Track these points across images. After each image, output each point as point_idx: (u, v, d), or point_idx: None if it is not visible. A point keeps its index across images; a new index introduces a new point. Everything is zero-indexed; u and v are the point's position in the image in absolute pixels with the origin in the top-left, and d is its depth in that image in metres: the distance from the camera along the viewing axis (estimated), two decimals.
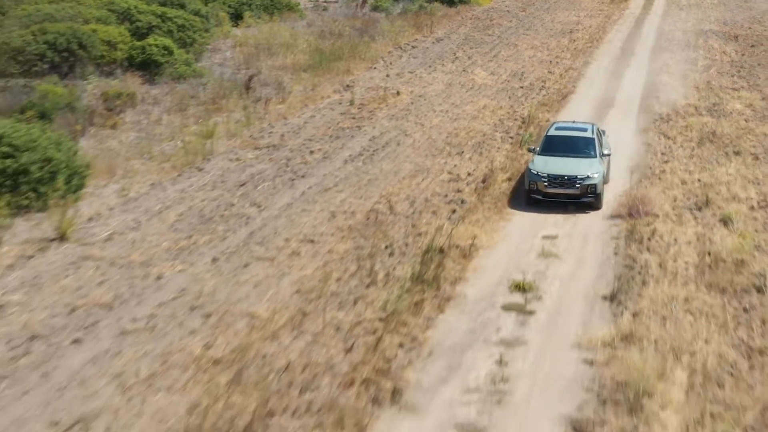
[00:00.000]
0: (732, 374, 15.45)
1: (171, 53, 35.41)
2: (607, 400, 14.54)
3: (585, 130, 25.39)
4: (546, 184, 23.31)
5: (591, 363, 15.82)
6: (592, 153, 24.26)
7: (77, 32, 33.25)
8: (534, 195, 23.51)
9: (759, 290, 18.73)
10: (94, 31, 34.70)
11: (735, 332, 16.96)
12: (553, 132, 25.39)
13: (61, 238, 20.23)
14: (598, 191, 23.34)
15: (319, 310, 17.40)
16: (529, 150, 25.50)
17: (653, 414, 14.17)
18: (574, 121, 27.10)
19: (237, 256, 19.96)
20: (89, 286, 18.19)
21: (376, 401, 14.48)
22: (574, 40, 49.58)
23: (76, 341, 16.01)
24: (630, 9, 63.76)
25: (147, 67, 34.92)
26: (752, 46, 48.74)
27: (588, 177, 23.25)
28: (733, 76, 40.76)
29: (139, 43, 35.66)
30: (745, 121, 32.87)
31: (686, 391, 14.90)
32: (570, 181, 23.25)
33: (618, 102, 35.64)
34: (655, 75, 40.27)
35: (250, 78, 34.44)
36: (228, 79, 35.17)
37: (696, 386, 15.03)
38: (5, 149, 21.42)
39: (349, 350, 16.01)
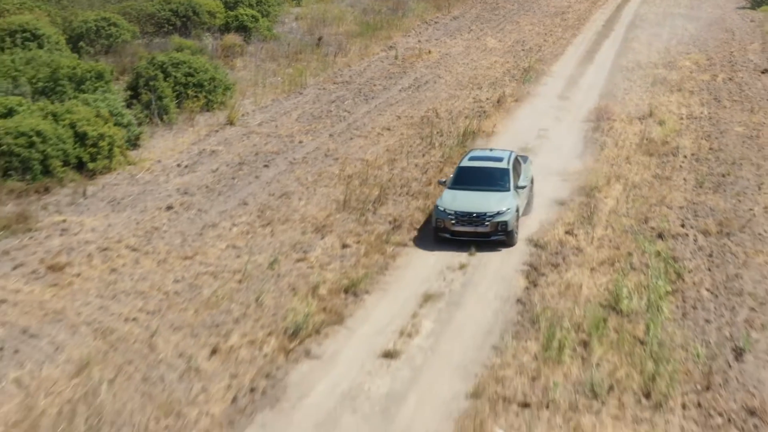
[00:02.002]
0: (647, 186, 26.79)
1: (257, 21, 46.62)
2: (574, 192, 25.89)
3: (500, 159, 23.74)
4: (453, 221, 21.74)
5: (566, 180, 27.14)
6: (506, 186, 22.71)
7: (192, 2, 44.48)
8: (441, 234, 21.94)
9: (674, 154, 30.03)
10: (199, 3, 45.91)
11: (654, 170, 28.29)
12: (465, 163, 23.93)
13: (230, 123, 31.57)
14: (510, 228, 21.80)
15: (403, 158, 28.73)
16: (440, 183, 24.19)
17: (600, 198, 25.49)
18: (491, 149, 25.72)
19: (344, 135, 31.30)
20: (260, 144, 29.57)
21: None
22: (565, 19, 60.83)
23: (265, 166, 27.39)
24: None
25: (239, 30, 46.07)
26: (710, 24, 60.03)
27: (498, 213, 21.75)
28: (688, 44, 51.96)
29: (232, 13, 46.87)
30: (690, 72, 44.09)
31: (620, 191, 26.23)
32: (479, 218, 21.70)
33: (596, 60, 46.87)
34: (627, 43, 51.43)
35: (319, 39, 45.72)
36: (300, 40, 46.39)
37: (626, 189, 26.38)
38: (187, 70, 32.67)
39: (425, 173, 27.35)
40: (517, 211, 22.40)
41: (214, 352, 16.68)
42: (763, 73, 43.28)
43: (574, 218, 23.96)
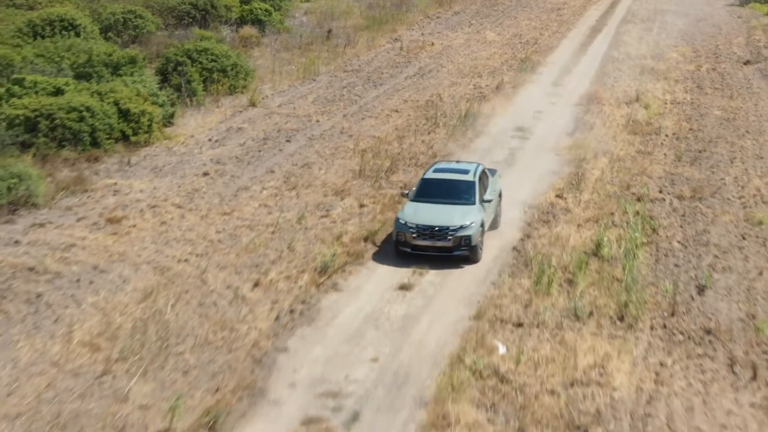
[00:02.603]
0: (631, 159, 29.84)
1: (270, 14, 49.62)
2: (565, 164, 28.95)
3: (466, 172, 22.99)
4: (414, 235, 21.00)
5: (558, 155, 30.19)
6: (471, 199, 21.91)
7: None
8: (402, 248, 21.18)
9: (656, 134, 33.10)
10: None
11: (638, 147, 31.33)
12: (429, 175, 23.19)
13: (253, 105, 34.61)
14: (474, 243, 21.03)
15: (410, 135, 31.78)
16: (403, 195, 23.42)
17: (588, 169, 28.57)
18: (457, 161, 25.43)
19: (356, 115, 34.33)
20: (281, 123, 32.62)
21: None
22: (561, 15, 63.88)
23: (287, 141, 30.45)
24: None
25: (254, 23, 49.06)
26: (698, 20, 63.09)
27: (461, 227, 21.02)
28: (677, 38, 55.01)
29: (247, 7, 49.87)
30: (676, 63, 47.14)
31: (606, 163, 29.30)
32: (441, 232, 21.00)
33: (589, 52, 49.90)
34: (619, 37, 54.46)
35: (329, 31, 48.75)
36: (311, 33, 49.44)
37: (611, 162, 29.44)
38: (210, 56, 35.68)
39: (430, 147, 30.40)
40: (482, 225, 21.64)
41: (256, 284, 19.75)
42: (745, 64, 46.41)
43: (564, 185, 27.02)
